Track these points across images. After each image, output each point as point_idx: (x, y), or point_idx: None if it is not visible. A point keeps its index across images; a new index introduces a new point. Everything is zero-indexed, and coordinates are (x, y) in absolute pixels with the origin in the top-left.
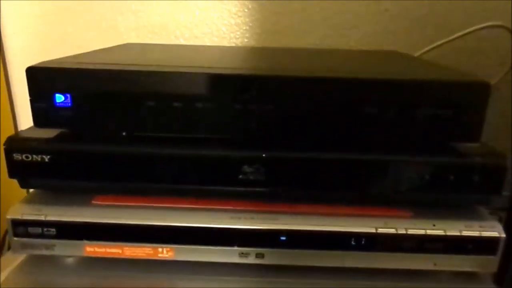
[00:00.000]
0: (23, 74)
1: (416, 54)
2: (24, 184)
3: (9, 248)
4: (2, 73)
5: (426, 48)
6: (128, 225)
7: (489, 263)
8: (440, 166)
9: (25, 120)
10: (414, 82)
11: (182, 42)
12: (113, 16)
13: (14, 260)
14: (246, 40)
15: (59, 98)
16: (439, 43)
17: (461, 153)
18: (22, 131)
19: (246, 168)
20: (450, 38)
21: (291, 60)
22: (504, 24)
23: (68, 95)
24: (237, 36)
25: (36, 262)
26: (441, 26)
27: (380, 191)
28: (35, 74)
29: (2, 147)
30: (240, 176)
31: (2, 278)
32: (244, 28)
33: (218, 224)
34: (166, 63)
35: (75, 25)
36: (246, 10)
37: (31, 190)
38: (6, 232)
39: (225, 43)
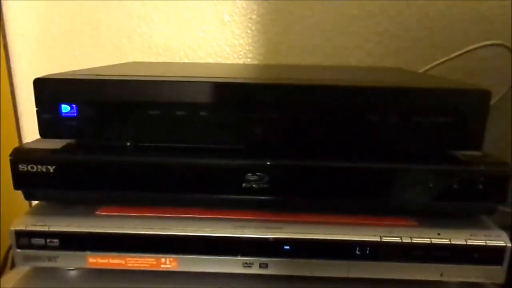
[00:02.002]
0: (29, 96)
1: None
2: (29, 196)
3: (12, 267)
4: (10, 93)
5: (427, 67)
6: (131, 234)
7: (496, 273)
8: (444, 174)
9: (30, 136)
10: (415, 89)
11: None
12: (118, 38)
13: (17, 276)
14: (249, 60)
15: (65, 108)
16: (439, 62)
17: (465, 161)
18: (27, 143)
19: (250, 177)
20: (450, 56)
21: (294, 72)
22: (504, 42)
23: (74, 106)
24: (240, 56)
25: (39, 276)
26: (441, 46)
27: (384, 200)
28: (42, 85)
29: (7, 163)
30: (244, 185)
31: None
32: (247, 48)
33: (221, 233)
34: (171, 74)
35: (81, 48)
36: (249, 31)
37: (34, 203)
38: (9, 249)
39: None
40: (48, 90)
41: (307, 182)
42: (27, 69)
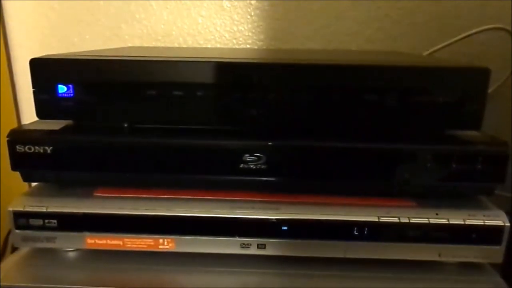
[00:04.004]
0: (28, 82)
1: None
2: (26, 177)
3: (12, 251)
4: (9, 80)
5: (427, 52)
6: (128, 215)
7: (494, 254)
8: (443, 155)
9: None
10: (414, 68)
11: None
12: (117, 25)
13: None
14: (248, 46)
15: (62, 89)
16: (439, 47)
17: (464, 141)
18: (25, 124)
19: (247, 157)
20: (450, 41)
21: (293, 54)
22: (504, 26)
23: (70, 86)
24: (240, 43)
25: (37, 257)
26: (441, 30)
27: (382, 181)
28: (38, 66)
29: (5, 142)
30: (241, 166)
31: (3, 273)
32: (247, 34)
33: (218, 214)
34: (168, 55)
35: (80, 35)
36: (248, 17)
37: (33, 184)
38: (9, 233)
39: None
40: (45, 70)
41: (305, 163)
42: (26, 56)
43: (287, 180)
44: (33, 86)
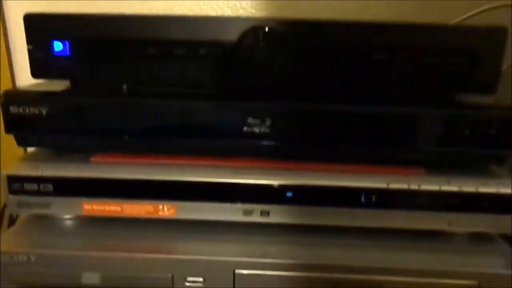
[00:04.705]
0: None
1: None
2: (21, 141)
3: (9, 226)
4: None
5: None
6: (127, 180)
7: (506, 223)
8: (454, 119)
9: None
10: (427, 27)
11: None
12: (116, 11)
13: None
14: None
15: (58, 46)
16: None
17: (475, 106)
18: (20, 86)
19: (251, 120)
20: (456, 20)
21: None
22: (507, 2)
23: (67, 43)
24: None
25: (34, 226)
26: (447, 9)
27: (392, 147)
28: (33, 21)
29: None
30: (245, 129)
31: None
32: (251, 11)
33: (221, 179)
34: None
35: (79, 11)
36: None
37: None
38: (4, 206)
39: None
40: (40, 27)
41: (311, 127)
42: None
43: (292, 145)
44: (28, 43)
